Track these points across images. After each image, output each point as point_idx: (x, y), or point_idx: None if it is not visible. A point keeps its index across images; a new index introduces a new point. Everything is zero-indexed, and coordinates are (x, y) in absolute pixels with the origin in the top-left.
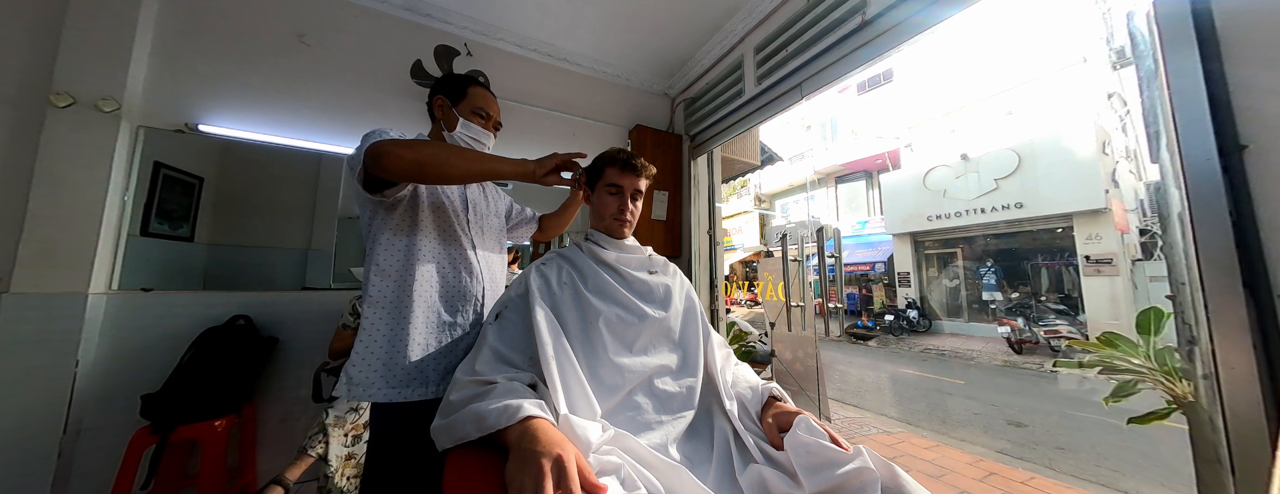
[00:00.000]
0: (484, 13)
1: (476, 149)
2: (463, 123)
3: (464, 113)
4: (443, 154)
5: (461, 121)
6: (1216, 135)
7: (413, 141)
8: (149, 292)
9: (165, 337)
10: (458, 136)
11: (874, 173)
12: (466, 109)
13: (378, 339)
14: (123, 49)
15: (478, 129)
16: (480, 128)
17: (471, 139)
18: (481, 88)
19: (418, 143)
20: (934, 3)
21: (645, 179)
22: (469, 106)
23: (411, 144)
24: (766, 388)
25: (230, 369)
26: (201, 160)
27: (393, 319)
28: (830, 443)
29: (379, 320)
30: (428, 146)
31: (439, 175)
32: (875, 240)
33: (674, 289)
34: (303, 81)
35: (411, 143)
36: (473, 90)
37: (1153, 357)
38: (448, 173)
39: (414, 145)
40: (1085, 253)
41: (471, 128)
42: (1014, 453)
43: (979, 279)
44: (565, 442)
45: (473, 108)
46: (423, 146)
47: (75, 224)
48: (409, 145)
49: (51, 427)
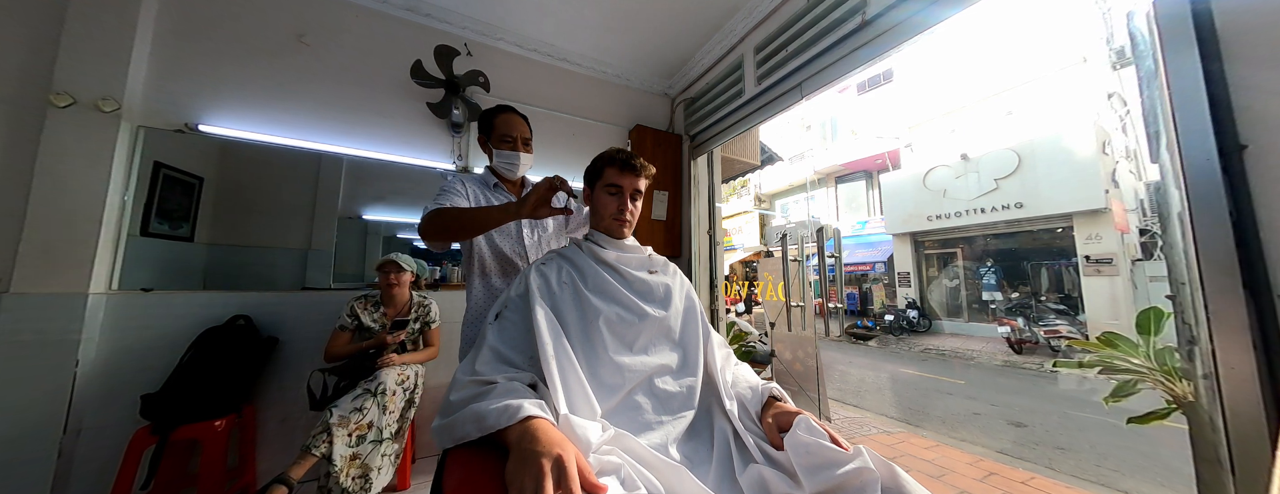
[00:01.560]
0: (484, 13)
1: (511, 166)
2: (496, 152)
3: (494, 143)
4: (454, 224)
5: (495, 152)
6: (1216, 135)
7: (436, 217)
8: (149, 292)
9: (165, 337)
10: (497, 165)
11: (874, 173)
12: (496, 138)
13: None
14: (123, 49)
15: (507, 153)
16: (508, 151)
17: (505, 164)
18: (505, 114)
19: (436, 220)
20: (934, 3)
21: (645, 179)
22: (497, 135)
23: (433, 224)
24: (766, 388)
25: (230, 369)
26: (201, 160)
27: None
28: (830, 443)
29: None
30: (440, 222)
31: (459, 237)
32: (875, 240)
33: (674, 289)
34: (303, 81)
35: (433, 222)
36: (497, 120)
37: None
38: (461, 236)
39: (434, 224)
40: (1085, 253)
41: (502, 154)
42: (1014, 453)
43: (979, 279)
44: (565, 442)
45: (500, 136)
46: (438, 227)
47: (75, 224)
48: (432, 224)
49: (51, 426)
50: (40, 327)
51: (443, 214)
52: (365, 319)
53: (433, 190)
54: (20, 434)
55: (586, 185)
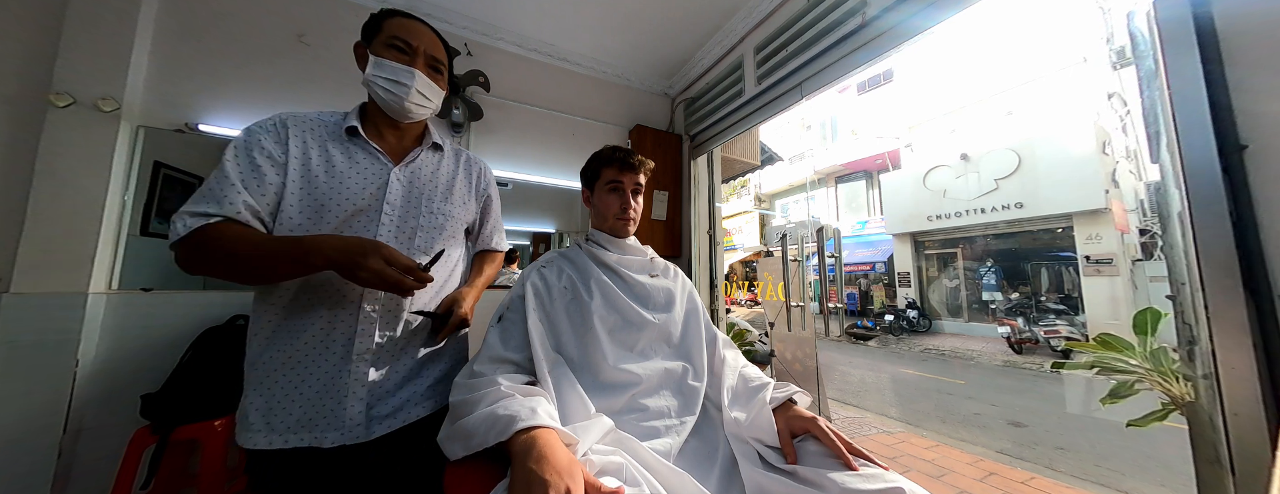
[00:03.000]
0: (484, 13)
1: (396, 92)
2: (375, 61)
3: (378, 50)
4: (219, 267)
5: (372, 60)
6: (1216, 135)
7: (192, 250)
8: (149, 291)
9: (165, 337)
10: (367, 78)
11: (874, 173)
12: (380, 44)
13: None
14: (123, 49)
15: (390, 66)
16: (393, 63)
17: (383, 80)
18: (403, 17)
19: (192, 255)
20: (934, 3)
21: (644, 174)
22: (384, 40)
23: (190, 258)
24: (777, 390)
25: (230, 369)
26: (201, 160)
27: None
28: (843, 455)
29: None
30: (200, 256)
31: (236, 279)
32: (875, 240)
33: (676, 293)
34: (303, 81)
35: (189, 255)
36: (389, 22)
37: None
38: (237, 279)
39: (193, 259)
40: (1085, 253)
41: (384, 64)
42: (1014, 453)
43: (979, 279)
44: (572, 466)
45: (388, 40)
46: (196, 261)
47: (75, 224)
48: (189, 257)
49: (51, 427)
50: (40, 327)
51: (203, 244)
52: None
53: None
54: (20, 434)
55: (584, 188)
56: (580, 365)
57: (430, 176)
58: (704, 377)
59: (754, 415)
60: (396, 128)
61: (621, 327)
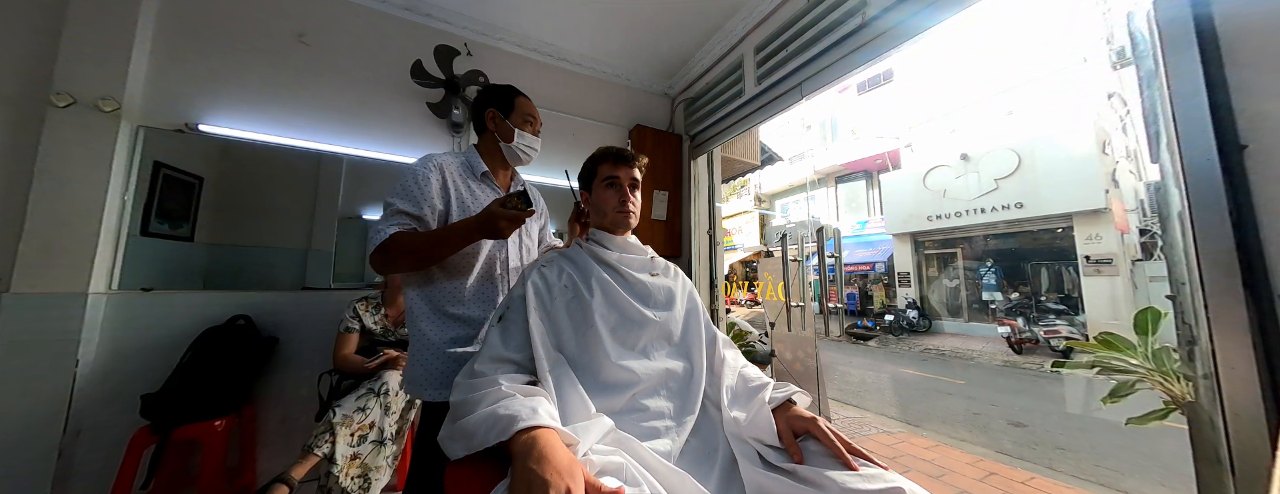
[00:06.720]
0: (484, 13)
1: (531, 155)
2: (519, 133)
3: (517, 122)
4: (408, 258)
5: (517, 132)
6: (1216, 135)
7: (390, 248)
8: (149, 292)
9: (165, 337)
10: (515, 147)
11: (874, 173)
12: (519, 118)
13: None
14: (123, 49)
15: (530, 137)
16: (532, 136)
17: (527, 147)
18: (524, 96)
19: (391, 250)
20: (934, 3)
21: (639, 169)
22: (521, 115)
23: (387, 256)
24: (777, 390)
25: (230, 369)
26: (201, 160)
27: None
28: (842, 455)
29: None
30: (395, 253)
31: (417, 267)
32: (875, 240)
33: (676, 292)
34: (303, 81)
35: (387, 255)
36: (520, 100)
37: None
38: (419, 267)
39: (389, 256)
40: (1085, 253)
41: (525, 136)
42: (1014, 453)
43: (979, 279)
44: (573, 467)
45: (524, 115)
46: (391, 259)
47: (75, 224)
48: (386, 257)
49: (51, 427)
50: (40, 327)
51: (398, 243)
52: (367, 321)
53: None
54: (20, 434)
55: (583, 189)
56: (581, 364)
57: None
58: (704, 376)
59: (753, 415)
60: (507, 169)
61: (622, 324)
